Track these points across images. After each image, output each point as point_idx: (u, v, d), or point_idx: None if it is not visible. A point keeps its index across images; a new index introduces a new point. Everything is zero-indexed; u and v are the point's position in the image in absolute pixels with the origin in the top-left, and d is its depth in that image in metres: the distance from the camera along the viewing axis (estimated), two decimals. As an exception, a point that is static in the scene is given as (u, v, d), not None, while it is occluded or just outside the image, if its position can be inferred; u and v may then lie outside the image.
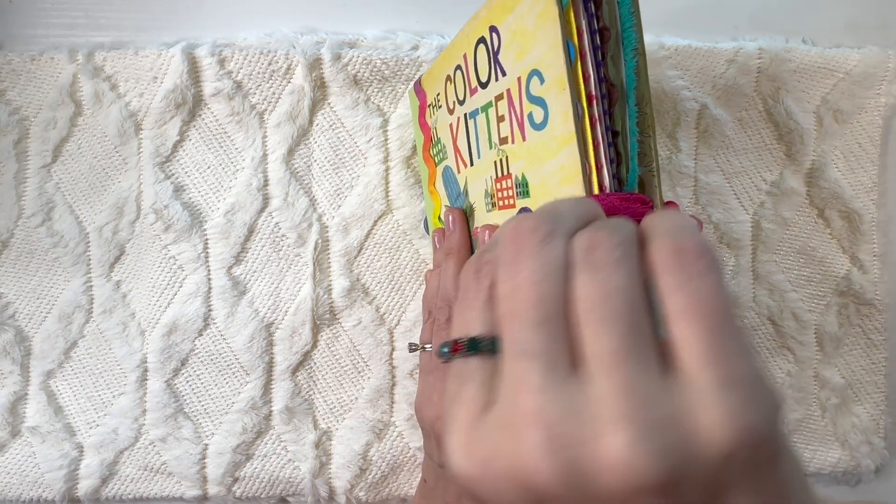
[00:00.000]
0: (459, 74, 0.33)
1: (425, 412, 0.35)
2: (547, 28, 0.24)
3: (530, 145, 0.27)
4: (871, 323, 0.46)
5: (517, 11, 0.26)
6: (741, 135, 0.46)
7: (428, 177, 0.41)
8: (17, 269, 0.45)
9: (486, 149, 0.31)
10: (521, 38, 0.26)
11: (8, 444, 0.44)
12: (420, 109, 0.41)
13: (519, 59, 0.27)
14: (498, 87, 0.29)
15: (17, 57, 0.44)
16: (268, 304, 0.44)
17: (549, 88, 0.25)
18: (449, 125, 0.36)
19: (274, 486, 0.44)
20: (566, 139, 0.24)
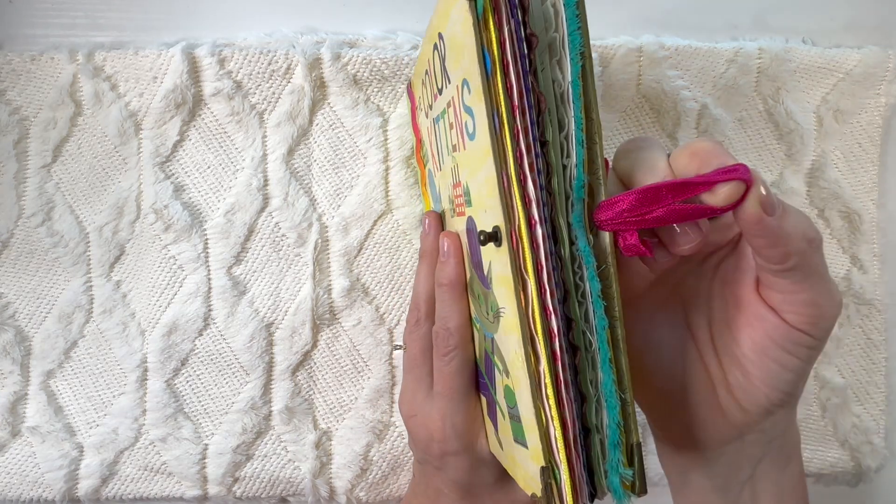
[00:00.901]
0: (428, 79, 0.32)
1: (403, 409, 0.36)
2: (469, 38, 0.23)
3: (467, 154, 0.27)
4: (871, 323, 0.46)
5: (450, 19, 0.25)
6: (741, 135, 0.46)
7: (420, 178, 0.42)
8: (17, 269, 0.45)
9: (447, 155, 0.31)
10: (455, 47, 0.25)
11: (8, 444, 0.44)
12: (412, 111, 0.41)
13: (455, 68, 0.26)
14: (447, 95, 0.28)
15: (17, 57, 0.44)
16: (268, 304, 0.44)
17: (474, 99, 0.24)
18: (426, 129, 0.36)
19: (274, 486, 0.44)
20: (487, 151, 0.23)
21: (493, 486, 0.34)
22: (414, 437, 0.35)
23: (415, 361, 0.36)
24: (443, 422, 0.33)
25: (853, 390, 0.46)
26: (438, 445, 0.33)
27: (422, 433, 0.34)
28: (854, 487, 0.47)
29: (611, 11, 0.46)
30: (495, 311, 0.27)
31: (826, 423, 0.46)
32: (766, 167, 0.46)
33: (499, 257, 0.24)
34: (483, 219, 0.26)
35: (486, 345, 0.29)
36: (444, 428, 0.33)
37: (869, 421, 0.46)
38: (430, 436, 0.34)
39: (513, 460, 0.28)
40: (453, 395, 0.33)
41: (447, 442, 0.33)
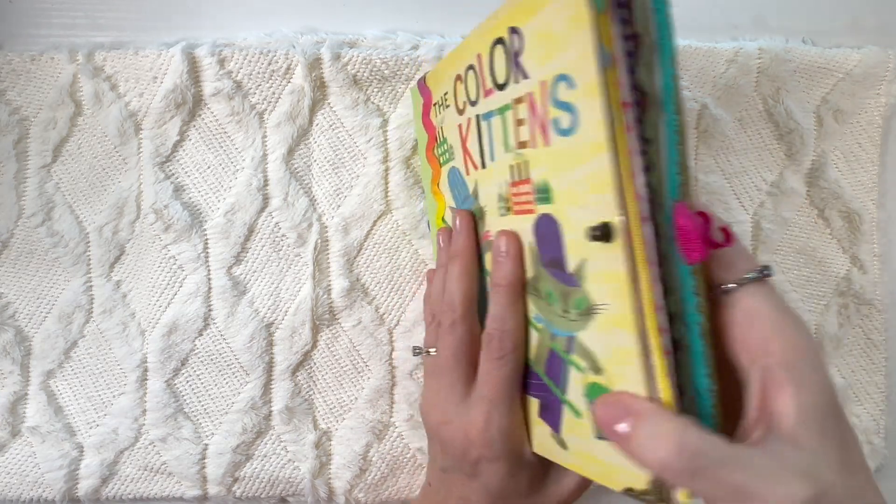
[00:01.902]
0: (472, 75, 0.32)
1: (432, 416, 0.35)
2: (580, 33, 0.23)
3: (555, 150, 0.27)
4: (871, 323, 0.46)
5: (544, 14, 0.25)
6: (741, 135, 0.46)
7: (431, 177, 0.41)
8: (17, 269, 0.45)
9: (502, 152, 0.31)
10: (548, 42, 0.26)
11: (8, 444, 0.44)
12: (424, 108, 0.40)
13: (544, 63, 0.26)
14: (518, 90, 0.28)
15: (17, 57, 0.44)
16: (268, 304, 0.44)
17: (579, 94, 0.24)
18: (458, 126, 0.35)
19: (274, 486, 0.44)
20: (598, 146, 0.24)
21: (526, 493, 0.33)
22: (447, 443, 0.34)
23: (447, 365, 0.34)
24: (487, 426, 0.32)
25: (853, 390, 0.46)
26: (478, 451, 0.32)
27: (458, 439, 0.33)
28: (854, 487, 0.47)
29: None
30: (583, 309, 0.27)
31: (826, 423, 0.46)
32: (766, 167, 0.46)
33: (604, 253, 0.25)
34: (578, 215, 0.26)
35: (554, 344, 0.29)
36: (488, 433, 0.32)
37: (869, 421, 0.46)
38: (468, 442, 0.32)
39: (589, 458, 0.28)
40: (503, 398, 0.32)
41: (490, 447, 0.32)
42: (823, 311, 0.46)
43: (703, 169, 0.46)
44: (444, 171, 0.38)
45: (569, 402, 0.29)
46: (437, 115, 0.38)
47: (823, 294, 0.46)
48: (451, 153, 0.37)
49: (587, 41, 0.23)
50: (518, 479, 0.33)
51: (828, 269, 0.46)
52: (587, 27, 0.23)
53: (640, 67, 0.24)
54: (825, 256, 0.46)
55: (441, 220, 0.40)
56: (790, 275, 0.46)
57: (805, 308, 0.46)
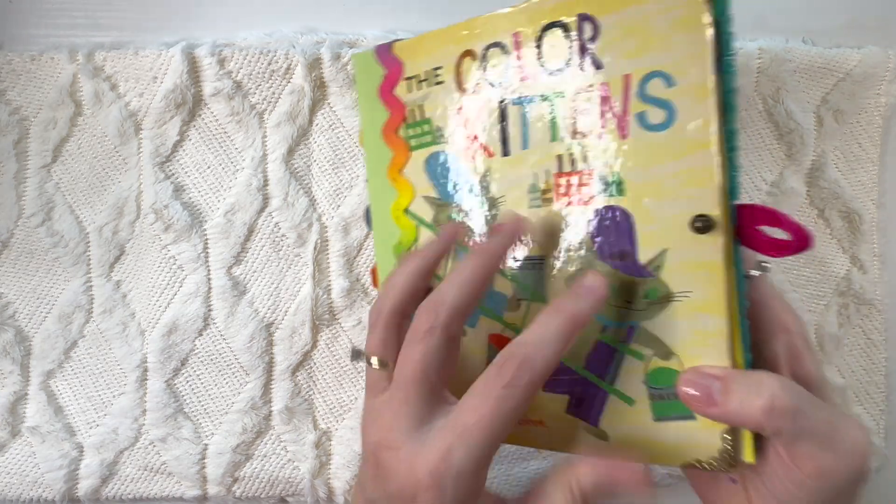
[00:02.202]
0: (498, 52, 0.30)
1: (373, 434, 0.29)
2: (688, 35, 0.26)
3: (634, 144, 0.28)
4: (871, 323, 0.46)
5: (640, 9, 0.27)
6: (741, 135, 0.46)
7: (390, 161, 0.35)
8: (17, 269, 0.45)
9: (545, 140, 0.30)
10: (639, 37, 0.27)
11: (8, 444, 0.44)
12: (386, 80, 0.34)
13: (632, 57, 0.27)
14: (581, 79, 0.29)
15: (17, 57, 0.44)
16: (268, 304, 0.44)
17: (681, 93, 0.26)
18: (458, 107, 0.32)
19: (274, 486, 0.44)
20: (703, 143, 0.26)
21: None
22: (384, 472, 0.27)
23: (412, 378, 0.28)
24: (444, 465, 0.26)
25: (853, 390, 0.46)
26: (421, 493, 0.26)
27: (401, 472, 0.26)
28: (854, 487, 0.47)
29: None
30: (657, 297, 0.28)
31: (826, 423, 0.46)
32: (766, 167, 0.46)
33: (696, 244, 0.27)
34: (664, 208, 0.27)
35: (604, 336, 0.30)
36: (441, 474, 0.26)
37: (869, 421, 0.46)
38: (412, 478, 0.26)
39: (640, 443, 0.29)
40: (484, 438, 0.26)
41: (439, 493, 0.26)
42: (823, 311, 0.46)
43: (703, 169, 0.45)
44: (416, 155, 0.34)
45: (618, 391, 0.30)
46: (410, 91, 0.34)
47: (823, 294, 0.46)
48: (438, 136, 0.33)
49: (703, 45, 0.25)
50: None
51: (828, 269, 0.46)
52: (704, 32, 0.25)
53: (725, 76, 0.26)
54: (825, 256, 0.46)
55: (403, 213, 0.35)
56: (790, 275, 0.46)
57: (805, 308, 0.46)
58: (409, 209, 0.35)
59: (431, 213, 0.34)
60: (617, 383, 0.30)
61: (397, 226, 0.35)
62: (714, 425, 0.28)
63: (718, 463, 0.28)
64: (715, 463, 0.28)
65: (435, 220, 0.34)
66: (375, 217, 0.36)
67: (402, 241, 0.35)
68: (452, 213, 0.33)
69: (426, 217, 0.34)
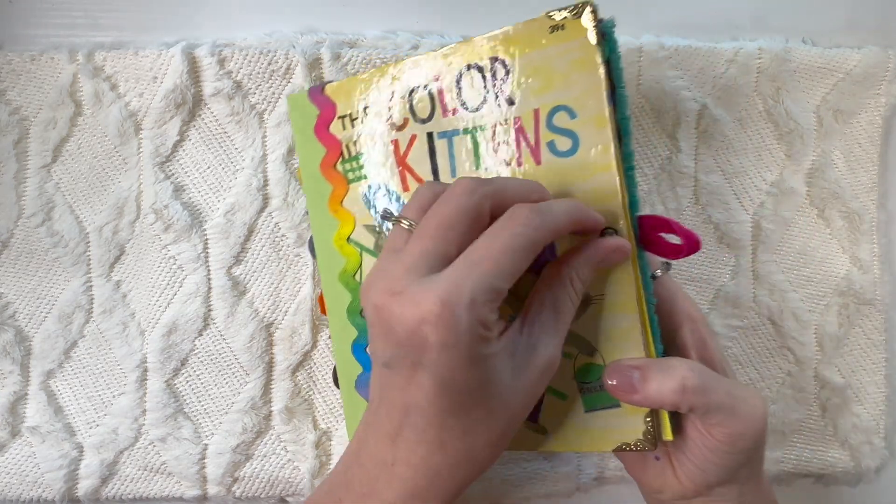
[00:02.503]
0: (423, 93, 0.34)
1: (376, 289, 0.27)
2: (585, 75, 0.30)
3: (547, 169, 0.32)
4: (871, 323, 0.46)
5: (543, 52, 0.31)
6: (741, 135, 0.46)
7: (331, 194, 0.37)
8: (17, 269, 0.45)
9: (472, 169, 0.33)
10: (544, 77, 0.31)
11: (8, 444, 0.44)
12: (320, 119, 0.37)
13: (538, 94, 0.31)
14: (498, 114, 0.32)
15: (17, 57, 0.44)
16: (268, 304, 0.44)
17: (583, 124, 0.30)
18: (392, 141, 0.35)
19: (274, 486, 0.44)
20: (605, 167, 0.30)
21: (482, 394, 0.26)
22: (389, 324, 0.26)
23: (439, 227, 0.26)
24: (455, 296, 0.24)
25: (853, 390, 0.46)
26: (432, 329, 0.24)
27: (406, 313, 0.25)
28: (854, 487, 0.47)
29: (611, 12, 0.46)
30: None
31: (826, 423, 0.46)
32: (766, 167, 0.46)
33: None
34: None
35: None
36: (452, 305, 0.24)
37: (869, 421, 0.46)
38: (420, 316, 0.25)
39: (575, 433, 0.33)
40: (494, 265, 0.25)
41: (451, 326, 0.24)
42: (823, 311, 0.46)
43: (703, 169, 0.46)
44: (353, 187, 0.36)
45: (553, 389, 0.33)
46: (344, 129, 0.36)
47: (823, 294, 0.46)
48: (372, 169, 0.36)
49: (597, 83, 0.30)
50: (478, 373, 0.26)
51: (828, 269, 0.46)
52: (597, 71, 0.30)
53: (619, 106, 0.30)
54: (825, 256, 0.46)
55: (346, 241, 0.37)
56: (790, 275, 0.46)
57: (805, 308, 0.46)
58: (352, 237, 0.37)
59: (373, 239, 0.36)
60: (551, 382, 0.31)
61: (341, 254, 0.37)
62: (637, 411, 0.32)
63: (643, 443, 0.32)
64: (640, 444, 0.32)
65: (376, 246, 0.36)
66: (319, 247, 0.38)
67: (347, 269, 0.37)
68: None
69: (367, 244, 0.37)
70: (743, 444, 0.31)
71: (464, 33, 0.45)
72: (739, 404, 0.31)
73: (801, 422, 0.46)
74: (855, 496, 0.47)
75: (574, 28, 0.30)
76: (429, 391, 0.26)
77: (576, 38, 0.30)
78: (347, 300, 0.37)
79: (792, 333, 0.46)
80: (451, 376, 0.25)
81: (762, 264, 0.46)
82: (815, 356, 0.46)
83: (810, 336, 0.46)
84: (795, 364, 0.46)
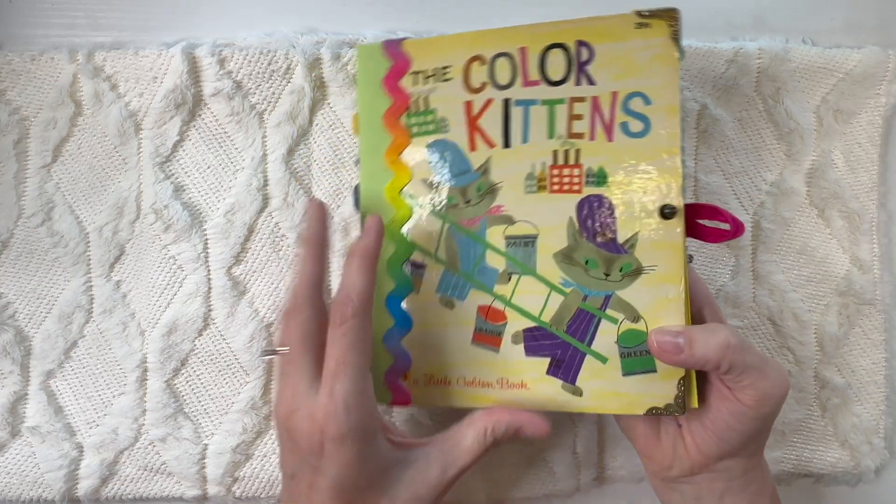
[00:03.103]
0: (505, 62, 0.36)
1: (280, 411, 0.33)
2: (663, 68, 0.34)
3: (618, 146, 0.35)
4: (871, 323, 0.46)
5: (628, 44, 0.35)
6: (741, 135, 0.46)
7: (389, 145, 0.38)
8: (17, 269, 0.45)
9: (543, 137, 0.36)
10: (625, 64, 0.35)
11: (8, 444, 0.44)
12: (391, 71, 0.38)
13: (618, 78, 0.35)
14: (578, 91, 0.36)
15: (17, 57, 0.44)
16: (268, 304, 0.44)
17: (656, 111, 0.35)
18: (464, 102, 0.37)
19: (274, 486, 0.44)
20: (670, 150, 0.34)
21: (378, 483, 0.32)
22: (294, 436, 0.32)
23: (294, 353, 0.33)
24: (331, 400, 0.30)
25: (853, 390, 0.46)
26: (323, 432, 0.30)
27: (305, 426, 0.31)
28: (854, 487, 0.47)
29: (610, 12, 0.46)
30: (630, 271, 0.35)
31: (826, 423, 0.46)
32: (766, 167, 0.46)
33: (662, 228, 0.35)
34: (638, 198, 0.35)
35: (585, 304, 0.36)
36: (332, 406, 0.30)
37: (869, 421, 0.46)
38: (313, 425, 0.31)
39: (611, 396, 0.36)
40: (348, 367, 0.31)
41: (335, 422, 0.30)
42: (823, 311, 0.46)
43: (703, 169, 0.46)
44: (417, 141, 0.38)
45: (595, 352, 0.36)
46: (416, 84, 0.38)
47: (823, 294, 0.46)
48: (442, 126, 0.38)
49: (674, 76, 0.34)
50: (369, 464, 0.31)
51: (828, 269, 0.46)
52: (673, 67, 0.34)
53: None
54: (825, 256, 0.46)
55: (398, 193, 0.38)
56: (790, 275, 0.46)
57: (805, 308, 0.46)
58: (405, 190, 0.38)
59: (428, 194, 0.38)
60: (594, 345, 0.36)
61: (392, 205, 0.38)
62: (672, 376, 0.35)
63: (674, 408, 0.35)
64: (671, 408, 0.35)
65: (431, 201, 0.38)
66: (366, 196, 0.39)
67: (396, 219, 0.38)
68: (448, 196, 0.38)
69: (421, 198, 0.38)
70: (767, 407, 0.34)
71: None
72: (770, 366, 0.34)
73: (801, 422, 0.46)
74: (855, 496, 0.47)
75: (659, 27, 0.34)
76: (325, 493, 0.31)
77: (659, 37, 0.34)
78: (391, 250, 0.38)
79: (792, 333, 0.46)
80: (345, 474, 0.31)
81: (762, 264, 0.46)
82: (815, 356, 0.46)
83: (810, 336, 0.46)
84: (795, 364, 0.46)
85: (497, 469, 0.45)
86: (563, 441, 0.45)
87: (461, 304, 0.37)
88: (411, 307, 0.38)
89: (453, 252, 0.37)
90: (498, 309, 0.37)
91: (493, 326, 0.37)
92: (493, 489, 0.45)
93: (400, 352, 0.38)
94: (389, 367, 0.38)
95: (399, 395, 0.38)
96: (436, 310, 0.38)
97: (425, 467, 0.33)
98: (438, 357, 0.37)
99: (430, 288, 0.38)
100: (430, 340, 0.38)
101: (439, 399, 0.37)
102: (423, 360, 0.38)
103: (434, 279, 0.38)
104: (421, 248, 0.38)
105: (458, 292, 0.37)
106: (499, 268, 0.37)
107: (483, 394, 0.37)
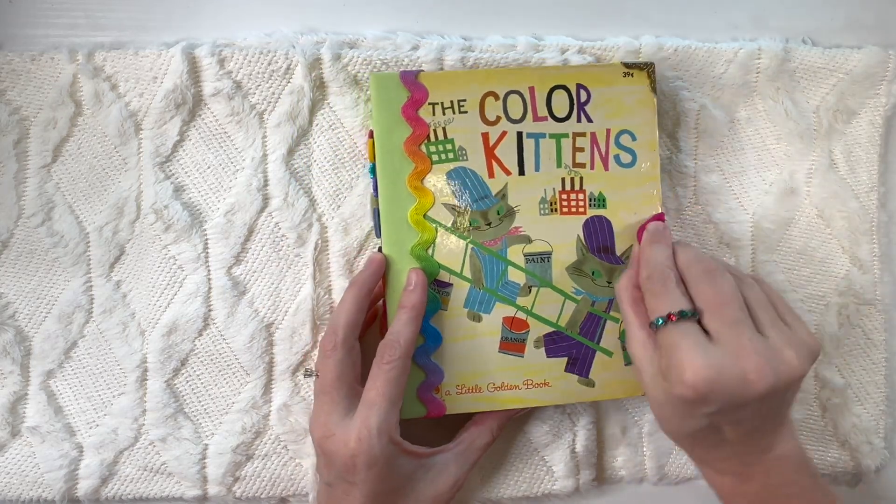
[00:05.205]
0: (517, 99, 0.41)
1: (316, 432, 0.38)
2: (644, 110, 0.41)
3: (613, 175, 0.41)
4: (871, 323, 0.46)
5: (616, 88, 0.41)
6: (741, 135, 0.46)
7: (412, 171, 0.40)
8: (17, 269, 0.45)
9: (553, 166, 0.41)
10: (616, 106, 0.41)
11: (8, 444, 0.44)
12: (410, 101, 0.40)
13: (610, 117, 0.41)
14: (579, 127, 0.41)
15: (17, 57, 0.44)
16: (268, 304, 0.44)
17: (641, 146, 0.41)
18: (481, 134, 0.41)
19: (274, 485, 0.44)
20: (653, 178, 0.41)
21: (402, 492, 0.38)
22: (330, 456, 0.37)
23: (331, 385, 0.38)
24: (365, 428, 0.36)
25: (853, 390, 0.46)
26: (353, 458, 0.36)
27: (340, 450, 0.36)
28: (854, 487, 0.47)
29: (611, 12, 0.46)
30: None
31: (826, 423, 0.46)
32: (766, 167, 0.46)
33: None
34: (630, 217, 0.41)
35: (594, 308, 0.42)
36: (366, 436, 0.35)
37: (869, 421, 0.46)
38: (347, 451, 0.36)
39: (616, 384, 0.42)
40: (385, 399, 0.36)
41: (369, 450, 0.35)
42: (823, 311, 0.46)
43: (703, 169, 0.46)
44: (438, 168, 0.41)
45: (602, 347, 0.42)
46: (434, 115, 0.41)
47: (823, 294, 0.46)
48: (461, 154, 0.41)
49: (651, 117, 0.41)
50: (395, 477, 0.37)
51: (828, 269, 0.46)
52: (652, 109, 0.41)
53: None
54: (825, 256, 0.46)
55: (423, 218, 0.41)
56: (790, 275, 0.46)
57: (805, 308, 0.46)
58: (429, 214, 0.41)
59: (451, 217, 0.41)
60: (601, 342, 0.42)
61: (416, 228, 0.41)
62: None
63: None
64: None
65: (453, 224, 0.41)
66: (386, 220, 0.41)
67: (421, 242, 0.41)
68: (471, 219, 0.41)
69: (445, 221, 0.41)
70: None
71: (464, 33, 0.45)
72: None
73: (801, 422, 0.46)
74: (855, 496, 0.47)
75: (640, 77, 0.41)
76: (359, 501, 0.37)
77: (641, 84, 0.41)
78: None
79: (792, 333, 0.46)
80: (376, 488, 0.36)
81: (762, 264, 0.46)
82: (815, 356, 0.46)
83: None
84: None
85: (497, 469, 0.45)
86: (562, 441, 0.45)
87: (487, 316, 0.41)
88: (440, 324, 0.41)
89: (478, 270, 0.41)
90: (521, 319, 0.41)
91: (517, 335, 0.41)
92: (493, 489, 0.45)
93: (431, 366, 0.41)
94: (422, 383, 0.41)
95: (434, 408, 0.41)
96: (464, 324, 0.41)
97: (444, 468, 0.39)
98: (469, 367, 0.41)
99: (458, 304, 0.41)
100: (461, 353, 0.41)
101: (471, 405, 0.41)
102: (454, 372, 0.41)
103: (461, 296, 0.41)
104: (447, 268, 0.41)
105: (484, 306, 0.41)
106: (520, 282, 0.41)
107: (511, 396, 0.41)
